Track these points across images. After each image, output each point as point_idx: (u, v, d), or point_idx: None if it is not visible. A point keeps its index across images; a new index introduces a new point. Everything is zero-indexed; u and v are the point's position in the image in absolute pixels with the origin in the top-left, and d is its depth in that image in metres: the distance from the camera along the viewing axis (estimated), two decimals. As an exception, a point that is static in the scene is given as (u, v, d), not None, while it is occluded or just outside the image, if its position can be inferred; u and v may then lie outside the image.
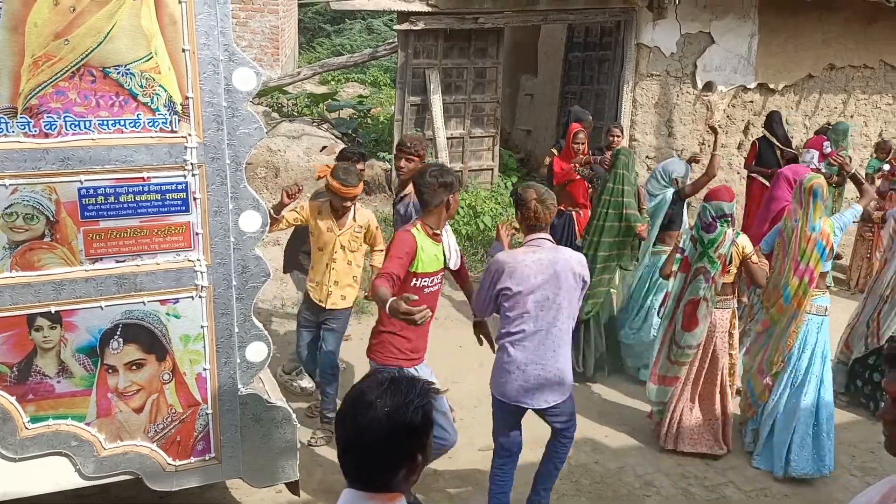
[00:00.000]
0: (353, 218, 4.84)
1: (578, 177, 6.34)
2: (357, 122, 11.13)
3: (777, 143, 7.95)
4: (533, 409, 3.86)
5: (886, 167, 7.99)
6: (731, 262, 4.77)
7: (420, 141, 5.29)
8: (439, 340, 6.57)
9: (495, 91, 9.52)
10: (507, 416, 3.90)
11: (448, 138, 9.12)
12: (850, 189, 7.90)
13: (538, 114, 11.28)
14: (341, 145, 9.58)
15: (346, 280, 4.86)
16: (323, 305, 4.84)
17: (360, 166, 5.12)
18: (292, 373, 5.62)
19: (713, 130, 6.27)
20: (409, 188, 4.85)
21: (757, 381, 4.88)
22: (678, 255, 4.92)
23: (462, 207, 8.51)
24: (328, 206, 4.76)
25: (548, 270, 3.69)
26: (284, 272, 6.09)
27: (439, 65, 9.04)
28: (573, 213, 6.39)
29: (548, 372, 3.76)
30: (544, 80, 11.33)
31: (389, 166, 9.22)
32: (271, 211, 4.33)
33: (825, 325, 4.76)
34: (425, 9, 8.56)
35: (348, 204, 4.72)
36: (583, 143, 6.43)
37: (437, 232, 3.82)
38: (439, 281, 3.89)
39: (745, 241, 4.81)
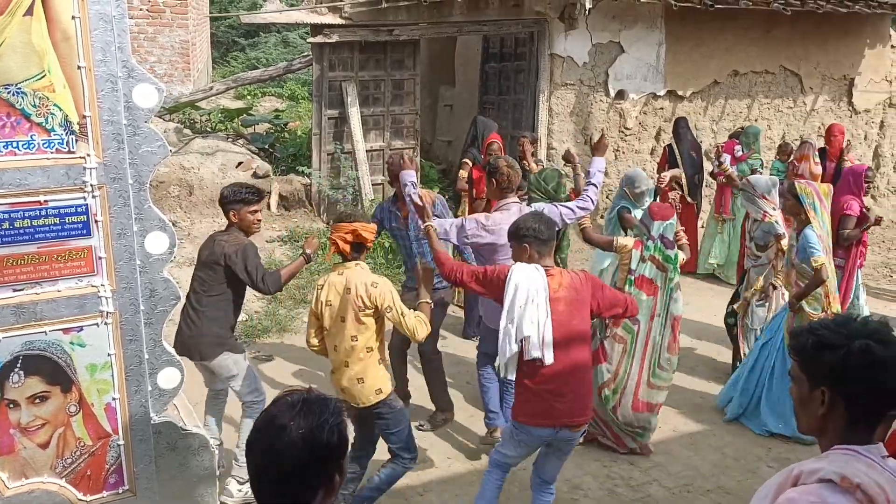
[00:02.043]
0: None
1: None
2: (274, 136, 10.96)
3: (676, 155, 8.21)
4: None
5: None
6: None
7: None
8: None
9: (414, 102, 9.53)
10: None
11: (368, 151, 9.08)
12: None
13: (458, 124, 11.35)
14: (258, 161, 9.43)
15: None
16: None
17: (257, 207, 4.35)
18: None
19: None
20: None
21: None
22: (630, 277, 4.85)
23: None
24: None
25: None
26: (198, 357, 4.34)
27: (356, 77, 9.00)
28: None
29: None
30: (462, 90, 11.42)
31: (309, 181, 9.12)
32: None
33: None
34: (339, 21, 8.52)
35: None
36: (496, 154, 6.52)
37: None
38: None
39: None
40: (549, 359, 3.53)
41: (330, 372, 4.05)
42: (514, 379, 3.74)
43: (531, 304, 3.54)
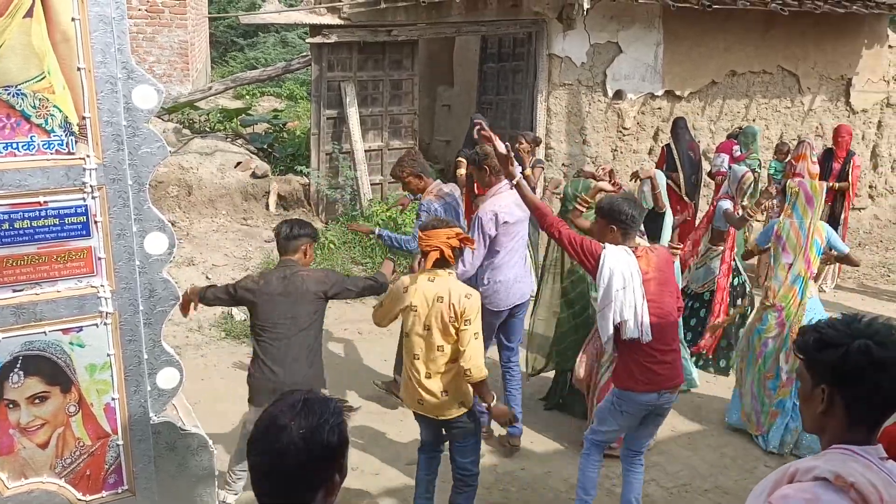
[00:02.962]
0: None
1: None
2: (272, 136, 10.98)
3: (675, 155, 8.21)
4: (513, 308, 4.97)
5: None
6: None
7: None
8: (365, 352, 6.53)
9: (412, 103, 9.55)
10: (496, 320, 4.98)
11: (366, 151, 9.10)
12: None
13: (456, 124, 11.36)
14: (256, 161, 9.44)
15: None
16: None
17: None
18: None
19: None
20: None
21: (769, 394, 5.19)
22: None
23: (383, 219, 8.50)
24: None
25: (522, 205, 4.52)
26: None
27: (354, 77, 9.01)
28: None
29: (524, 274, 5.04)
30: (460, 90, 11.43)
31: (308, 180, 9.13)
32: None
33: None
34: (337, 22, 8.53)
35: None
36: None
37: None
38: None
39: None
40: (646, 338, 3.74)
41: (403, 385, 3.95)
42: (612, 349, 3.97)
43: (627, 290, 3.70)
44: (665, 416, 4.14)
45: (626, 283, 3.71)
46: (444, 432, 4.00)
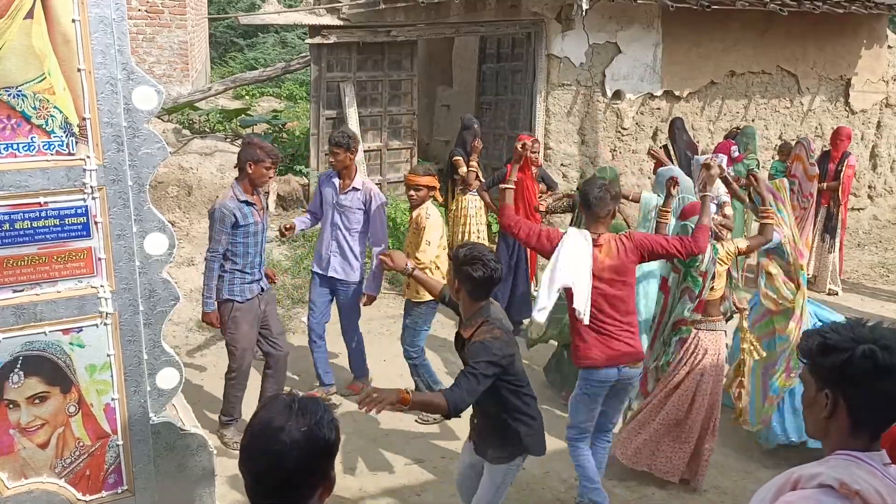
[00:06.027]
0: None
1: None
2: (272, 136, 10.99)
3: (672, 156, 8.18)
4: None
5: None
6: (714, 279, 4.50)
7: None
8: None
9: (411, 103, 9.56)
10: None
11: (365, 151, 9.11)
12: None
13: (455, 124, 11.34)
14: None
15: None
16: None
17: None
18: None
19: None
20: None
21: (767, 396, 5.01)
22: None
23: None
24: None
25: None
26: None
27: (353, 78, 9.02)
28: None
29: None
30: (460, 90, 11.44)
31: (307, 180, 9.13)
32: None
33: None
34: (337, 22, 8.54)
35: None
36: (536, 152, 6.85)
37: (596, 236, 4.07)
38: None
39: (729, 246, 4.53)
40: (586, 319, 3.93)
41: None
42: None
43: (574, 272, 3.95)
44: (628, 392, 4.21)
45: (574, 266, 3.92)
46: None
